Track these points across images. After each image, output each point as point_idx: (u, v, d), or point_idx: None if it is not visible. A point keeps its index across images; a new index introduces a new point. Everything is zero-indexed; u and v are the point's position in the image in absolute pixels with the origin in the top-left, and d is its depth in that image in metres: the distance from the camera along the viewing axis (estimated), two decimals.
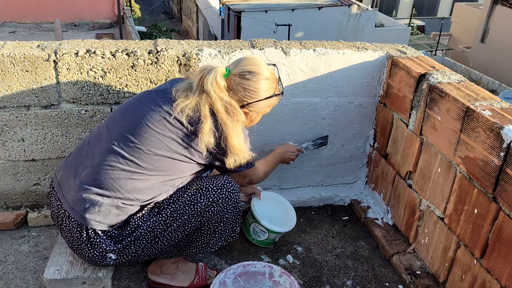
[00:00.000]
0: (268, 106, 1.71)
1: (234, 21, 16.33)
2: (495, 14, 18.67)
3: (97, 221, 1.54)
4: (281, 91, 1.72)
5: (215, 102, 1.54)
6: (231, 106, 1.56)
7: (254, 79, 1.60)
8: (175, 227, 1.61)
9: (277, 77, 1.71)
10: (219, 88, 1.55)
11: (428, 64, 2.10)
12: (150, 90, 1.72)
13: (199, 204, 1.62)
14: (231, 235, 1.77)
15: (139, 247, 1.60)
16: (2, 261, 1.99)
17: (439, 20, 23.72)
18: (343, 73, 2.23)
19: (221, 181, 1.67)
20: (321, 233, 2.31)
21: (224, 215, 1.67)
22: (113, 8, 12.24)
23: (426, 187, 1.98)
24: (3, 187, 2.15)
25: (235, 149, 1.57)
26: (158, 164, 1.55)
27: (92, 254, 1.58)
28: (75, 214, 1.55)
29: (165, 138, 1.53)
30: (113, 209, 1.54)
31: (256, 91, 1.62)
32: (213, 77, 1.54)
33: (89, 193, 1.54)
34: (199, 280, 1.88)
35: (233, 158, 1.60)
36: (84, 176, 1.57)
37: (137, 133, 1.54)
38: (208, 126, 1.52)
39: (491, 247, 1.61)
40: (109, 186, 1.53)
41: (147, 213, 1.59)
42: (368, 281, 2.03)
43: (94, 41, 2.07)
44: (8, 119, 1.99)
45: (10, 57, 1.87)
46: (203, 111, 1.52)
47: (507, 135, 1.51)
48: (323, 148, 2.40)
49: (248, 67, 1.61)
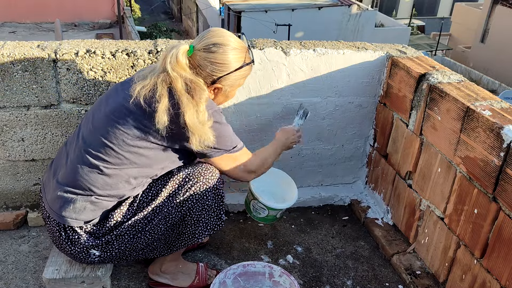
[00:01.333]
0: (242, 78, 1.63)
1: (234, 21, 16.33)
2: (495, 14, 18.68)
3: (73, 218, 1.54)
4: (252, 59, 1.63)
5: (174, 80, 1.47)
6: (193, 83, 1.49)
7: (220, 50, 1.52)
8: (156, 221, 1.60)
9: (246, 46, 1.62)
10: (180, 66, 1.48)
11: (428, 64, 2.10)
12: (117, 83, 1.71)
13: (178, 195, 1.60)
14: (217, 224, 1.72)
15: (122, 243, 1.60)
16: (2, 261, 1.99)
17: (439, 20, 23.73)
18: (343, 73, 2.23)
19: (198, 169, 1.62)
20: (321, 233, 2.32)
21: (205, 202, 1.64)
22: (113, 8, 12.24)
23: (426, 187, 1.98)
24: (3, 187, 2.15)
25: (192, 127, 1.48)
26: (125, 157, 1.52)
27: (74, 251, 1.58)
28: (53, 213, 1.57)
29: (126, 127, 1.50)
30: (88, 205, 1.54)
31: (225, 63, 1.54)
32: (174, 55, 1.48)
33: (63, 192, 1.55)
34: (199, 281, 1.88)
35: (195, 137, 1.50)
36: (60, 176, 1.58)
37: (103, 128, 1.52)
38: (164, 105, 1.45)
39: (491, 247, 1.61)
40: (81, 183, 1.53)
41: (126, 208, 1.59)
42: (368, 281, 2.03)
43: (94, 41, 2.07)
44: (8, 119, 1.99)
45: (10, 57, 1.87)
46: (159, 90, 1.47)
47: (507, 135, 1.51)
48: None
49: (213, 39, 1.53)
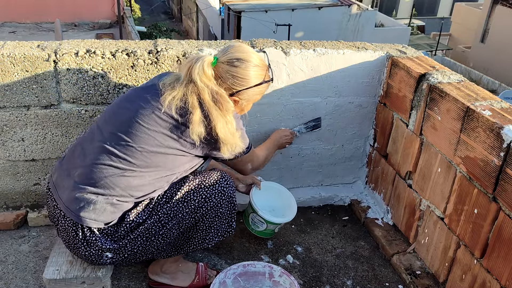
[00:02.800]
0: (259, 94, 1.69)
1: (234, 21, 16.33)
2: (495, 14, 18.67)
3: (92, 219, 1.54)
4: (270, 78, 1.69)
5: (202, 91, 1.52)
6: (218, 95, 1.53)
7: (242, 66, 1.58)
8: (170, 225, 1.62)
9: (267, 64, 1.68)
10: (206, 76, 1.53)
11: (428, 64, 2.10)
12: (137, 87, 1.73)
13: (193, 202, 1.63)
14: (227, 231, 1.76)
15: (135, 246, 1.61)
16: (2, 261, 1.99)
17: (439, 20, 23.73)
18: (343, 73, 2.23)
19: (214, 176, 1.67)
20: (321, 233, 2.31)
21: (219, 210, 1.68)
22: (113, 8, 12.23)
23: (426, 187, 1.98)
24: (3, 187, 2.15)
25: (224, 139, 1.55)
26: (151, 161, 1.54)
27: (89, 253, 1.58)
28: (70, 213, 1.56)
29: (155, 133, 1.53)
30: (108, 206, 1.54)
31: (245, 78, 1.59)
32: (200, 65, 1.52)
33: (84, 192, 1.54)
34: (199, 280, 1.88)
35: (227, 147, 1.58)
36: (77, 176, 1.58)
37: (128, 131, 1.54)
38: (197, 116, 1.50)
39: (491, 247, 1.61)
40: (103, 184, 1.54)
41: (142, 210, 1.60)
42: (368, 281, 2.03)
43: (94, 41, 2.07)
44: (8, 119, 1.99)
45: (10, 57, 1.87)
46: (191, 100, 1.51)
47: (507, 135, 1.51)
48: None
49: (237, 54, 1.59)
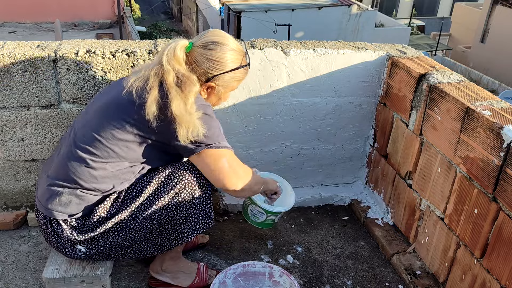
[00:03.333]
0: (236, 80, 1.63)
1: (234, 21, 16.33)
2: (495, 14, 18.68)
3: (58, 211, 1.55)
4: (248, 63, 1.64)
5: (166, 73, 1.48)
6: (184, 77, 1.49)
7: (218, 49, 1.54)
8: (141, 219, 1.59)
9: (244, 50, 1.64)
10: (176, 59, 1.50)
11: (428, 64, 2.10)
12: (114, 80, 1.73)
13: (163, 194, 1.59)
14: (206, 222, 1.70)
15: (108, 240, 1.60)
16: (2, 261, 1.99)
17: (439, 20, 23.75)
18: (343, 73, 2.23)
19: (184, 166, 1.62)
20: (321, 233, 2.32)
21: (192, 201, 1.63)
22: (113, 8, 12.23)
23: (426, 187, 1.98)
24: (3, 187, 2.15)
25: (179, 116, 1.46)
26: (112, 150, 1.52)
27: (60, 245, 1.59)
28: (41, 206, 1.59)
29: (116, 120, 1.51)
30: (73, 198, 1.55)
31: (221, 61, 1.55)
32: (172, 48, 1.50)
33: (52, 185, 1.57)
34: (199, 281, 1.88)
35: (183, 128, 1.47)
36: (50, 170, 1.61)
37: (93, 121, 1.55)
38: (153, 96, 1.46)
39: (491, 247, 1.61)
40: (68, 176, 1.54)
41: (110, 203, 1.59)
42: (368, 281, 2.03)
43: (94, 41, 2.07)
44: (8, 119, 1.99)
45: (10, 57, 1.87)
46: (151, 81, 1.48)
47: (507, 135, 1.51)
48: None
49: (212, 38, 1.56)
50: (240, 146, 2.32)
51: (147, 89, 1.48)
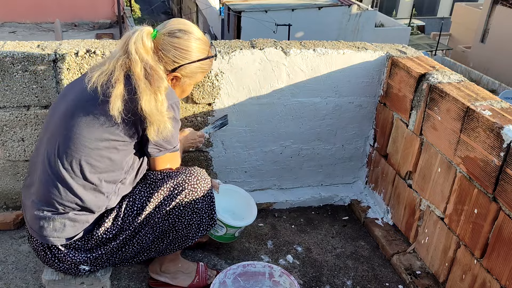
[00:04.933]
0: (201, 71, 1.59)
1: (234, 21, 16.33)
2: (495, 14, 18.68)
3: (55, 237, 1.48)
4: (214, 54, 1.61)
5: (134, 64, 1.39)
6: (152, 69, 1.41)
7: (185, 37, 1.50)
8: (144, 232, 1.57)
9: (209, 41, 1.61)
10: (145, 48, 1.42)
11: (428, 64, 2.10)
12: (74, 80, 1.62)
13: (165, 206, 1.55)
14: (209, 223, 1.68)
15: (111, 256, 1.57)
16: (2, 261, 1.99)
17: (439, 20, 23.74)
18: (343, 73, 2.23)
19: (182, 176, 1.58)
20: (321, 233, 2.31)
21: (195, 206, 1.60)
22: (113, 8, 12.23)
23: (426, 187, 1.98)
24: (3, 187, 2.15)
25: (150, 114, 1.39)
26: (89, 163, 1.43)
27: (64, 268, 1.54)
28: (34, 233, 1.51)
29: (83, 127, 1.40)
30: (67, 221, 1.47)
31: (188, 50, 1.50)
32: (139, 36, 1.41)
33: (40, 210, 1.48)
34: (199, 280, 1.87)
35: (154, 127, 1.41)
36: (34, 194, 1.50)
37: (59, 134, 1.44)
38: (119, 90, 1.37)
39: (491, 247, 1.61)
40: (53, 200, 1.45)
41: (111, 223, 1.53)
42: (368, 281, 2.03)
43: (94, 41, 2.07)
44: (8, 119, 1.99)
45: (10, 57, 1.87)
46: (116, 74, 1.39)
47: (507, 135, 1.51)
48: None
49: (178, 26, 1.51)
50: (240, 146, 2.32)
51: (113, 82, 1.39)
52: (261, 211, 2.41)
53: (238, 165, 2.38)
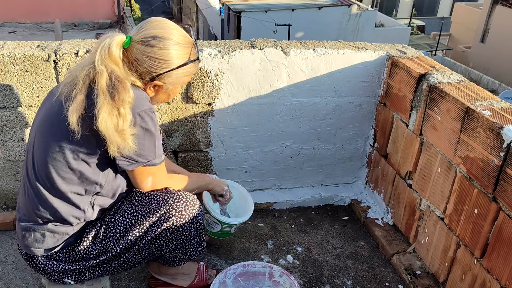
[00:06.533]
0: (186, 75, 1.46)
1: (234, 21, 16.33)
2: (495, 14, 18.68)
3: (35, 247, 1.47)
4: (197, 56, 1.47)
5: (98, 75, 1.29)
6: (119, 82, 1.29)
7: (160, 45, 1.35)
8: (127, 255, 1.53)
9: (192, 40, 1.45)
10: (111, 58, 1.31)
11: (428, 64, 2.10)
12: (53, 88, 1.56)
13: (150, 232, 1.50)
14: (197, 250, 1.65)
15: (95, 273, 1.55)
16: (2, 261, 1.99)
17: (439, 20, 23.74)
18: (343, 73, 2.23)
19: (169, 201, 1.49)
20: (321, 233, 2.32)
21: (182, 233, 1.54)
22: (113, 8, 12.22)
23: (426, 187, 1.98)
24: (3, 187, 2.15)
25: (105, 133, 1.29)
26: (61, 175, 1.39)
27: (50, 277, 1.53)
28: (20, 242, 1.52)
29: (52, 139, 1.37)
30: (47, 232, 1.46)
31: (165, 59, 1.37)
32: (106, 45, 1.31)
33: (23, 222, 1.49)
34: (199, 280, 1.87)
35: (113, 145, 1.31)
36: (19, 204, 1.53)
37: (37, 145, 1.41)
38: (77, 103, 1.28)
39: (491, 247, 1.61)
40: (33, 212, 1.45)
41: (91, 242, 1.49)
42: (368, 281, 2.03)
43: (94, 41, 2.07)
44: (8, 119, 1.99)
45: (10, 57, 1.87)
46: (79, 85, 1.30)
47: (507, 135, 1.51)
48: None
49: (153, 31, 1.36)
50: (240, 146, 2.32)
51: (73, 95, 1.30)
52: (261, 211, 2.41)
53: (238, 165, 2.38)
